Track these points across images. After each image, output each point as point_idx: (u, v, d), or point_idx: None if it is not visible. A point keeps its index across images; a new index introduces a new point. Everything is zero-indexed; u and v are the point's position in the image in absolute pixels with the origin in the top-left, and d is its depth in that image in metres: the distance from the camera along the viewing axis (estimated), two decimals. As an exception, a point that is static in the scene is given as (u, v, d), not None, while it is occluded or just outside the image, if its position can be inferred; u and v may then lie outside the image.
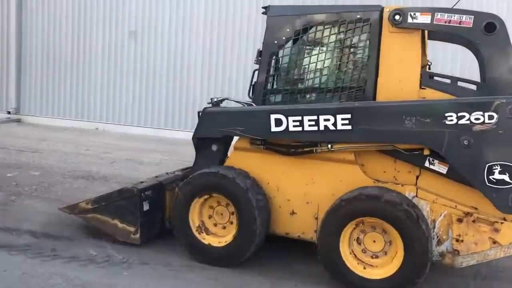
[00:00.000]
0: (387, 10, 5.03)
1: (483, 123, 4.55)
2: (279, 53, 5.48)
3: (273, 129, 5.19)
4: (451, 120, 4.64)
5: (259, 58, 5.49)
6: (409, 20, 4.92)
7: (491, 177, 4.59)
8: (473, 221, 4.79)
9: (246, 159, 5.55)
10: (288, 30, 5.34)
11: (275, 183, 5.45)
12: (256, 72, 5.58)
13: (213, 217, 5.55)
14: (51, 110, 15.80)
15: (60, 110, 15.70)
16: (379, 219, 4.79)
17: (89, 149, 11.83)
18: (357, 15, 5.14)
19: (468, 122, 4.59)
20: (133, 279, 5.07)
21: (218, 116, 5.57)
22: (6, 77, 16.04)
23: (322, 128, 5.03)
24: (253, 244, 5.27)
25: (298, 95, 5.45)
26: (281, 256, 5.75)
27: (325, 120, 5.01)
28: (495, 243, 4.75)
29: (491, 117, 4.53)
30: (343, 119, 4.96)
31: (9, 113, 15.92)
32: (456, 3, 5.38)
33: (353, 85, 5.20)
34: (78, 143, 12.59)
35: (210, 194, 5.42)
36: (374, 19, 5.09)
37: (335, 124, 4.98)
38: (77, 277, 5.01)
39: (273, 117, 5.17)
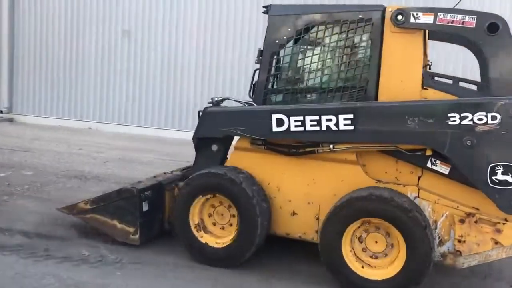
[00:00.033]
0: (389, 10, 5.01)
1: (486, 123, 4.56)
2: (280, 53, 5.45)
3: (275, 129, 5.16)
4: (454, 120, 4.64)
5: (260, 57, 5.45)
6: (412, 20, 4.91)
7: (494, 177, 4.59)
8: (475, 222, 4.78)
9: (246, 159, 5.52)
10: (289, 29, 5.31)
11: (275, 184, 5.43)
12: (256, 71, 5.56)
13: (213, 216, 5.51)
14: (44, 109, 15.71)
15: (52, 109, 15.61)
16: (386, 222, 4.77)
17: (82, 149, 11.76)
18: (359, 15, 5.12)
19: (471, 122, 4.59)
20: (126, 279, 5.03)
21: (218, 116, 5.53)
22: (-2, 76, 15.96)
23: (324, 128, 5.01)
24: (253, 245, 5.24)
25: (299, 95, 5.41)
26: (282, 256, 5.72)
27: (327, 120, 4.99)
28: (497, 243, 4.75)
29: (494, 118, 4.53)
30: (345, 119, 4.94)
31: (1, 112, 15.81)
32: (457, 3, 5.37)
33: (354, 85, 5.18)
34: (70, 142, 12.52)
35: (214, 194, 5.38)
36: (376, 19, 5.07)
37: (337, 124, 4.97)
38: (70, 277, 4.98)
39: (275, 117, 5.15)
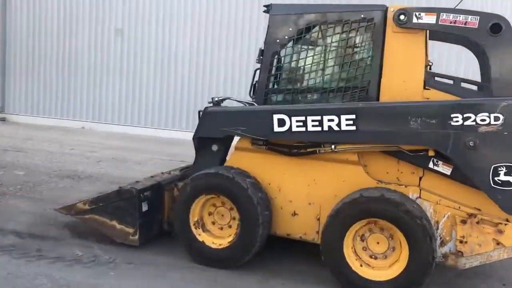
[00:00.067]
0: (391, 10, 5.00)
1: (489, 124, 4.55)
2: (281, 52, 5.42)
3: (276, 129, 5.13)
4: (457, 121, 4.62)
5: (261, 57, 5.43)
6: (414, 20, 4.89)
7: (496, 178, 4.58)
8: (477, 223, 4.78)
9: (247, 160, 5.49)
10: (290, 29, 5.29)
11: (276, 184, 5.40)
12: (257, 71, 5.53)
13: (213, 215, 5.47)
14: (36, 109, 15.62)
15: (45, 109, 15.53)
16: (393, 225, 4.73)
17: (75, 148, 11.72)
18: (361, 15, 5.10)
19: (473, 123, 4.58)
20: (120, 279, 5.00)
21: (219, 115, 5.49)
22: (-10, 76, 15.82)
23: (326, 128, 4.98)
24: (253, 249, 5.23)
25: (300, 95, 5.39)
26: (282, 256, 5.69)
27: (329, 120, 4.97)
28: (498, 244, 4.75)
29: (497, 118, 4.52)
30: (347, 120, 4.92)
31: (-7, 111, 15.71)
32: (458, 3, 5.37)
33: (356, 85, 5.16)
34: (63, 142, 12.47)
35: (218, 195, 5.33)
36: (378, 19, 5.06)
37: (339, 124, 4.94)
38: (62, 277, 4.94)
39: (276, 117, 5.12)
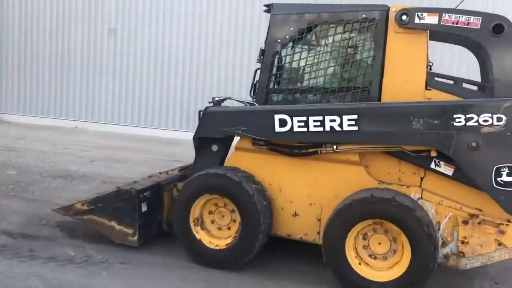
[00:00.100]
0: (393, 10, 4.98)
1: (492, 125, 4.54)
2: (282, 52, 5.39)
3: (277, 129, 5.10)
4: (460, 121, 4.61)
5: (262, 57, 5.40)
6: (416, 20, 4.88)
7: (499, 179, 4.58)
8: (479, 223, 4.78)
9: (247, 160, 5.46)
10: (291, 29, 5.27)
11: (277, 184, 5.38)
12: (258, 71, 5.50)
13: (213, 213, 5.42)
14: (29, 108, 15.52)
15: (38, 108, 15.43)
16: (399, 229, 4.70)
17: (68, 148, 11.66)
18: (363, 15, 5.09)
19: (476, 124, 4.57)
20: (113, 279, 4.97)
21: (220, 116, 5.45)
22: (-18, 75, 15.69)
23: (327, 129, 4.96)
24: (252, 252, 5.20)
25: (301, 95, 5.36)
26: (282, 257, 5.67)
27: (331, 120, 4.95)
28: (500, 245, 4.75)
29: (499, 119, 4.52)
30: (349, 120, 4.90)
31: (-15, 111, 15.58)
32: (459, 3, 5.36)
33: (357, 85, 5.14)
34: (56, 141, 12.40)
35: (222, 196, 5.28)
36: (379, 19, 5.05)
37: (341, 125, 4.92)
38: (54, 277, 4.91)
39: (277, 117, 5.09)
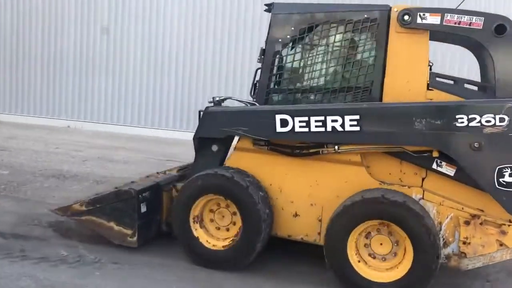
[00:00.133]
0: (395, 10, 4.98)
1: (494, 125, 4.54)
2: (282, 52, 5.36)
3: (279, 129, 5.07)
4: (462, 122, 4.61)
5: (262, 56, 5.37)
6: (418, 20, 4.87)
7: (501, 180, 4.58)
8: (480, 224, 4.78)
9: (247, 160, 5.43)
10: (292, 28, 5.24)
11: (277, 185, 5.35)
12: (258, 71, 5.47)
13: (214, 213, 5.38)
14: (21, 107, 15.42)
15: (30, 107, 15.34)
16: (405, 234, 4.67)
17: (60, 147, 11.58)
18: (364, 15, 5.07)
19: (479, 124, 4.57)
20: (105, 279, 4.94)
21: (220, 116, 5.41)
22: (-27, 74, 15.54)
23: (329, 129, 4.94)
24: (253, 254, 5.17)
25: (301, 95, 5.34)
26: (283, 257, 5.65)
27: (333, 121, 4.93)
28: (502, 245, 4.75)
29: (502, 120, 4.52)
30: (351, 120, 4.88)
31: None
32: (460, 3, 5.36)
33: (359, 85, 5.12)
34: (48, 141, 12.33)
35: (226, 198, 5.23)
36: (381, 19, 5.03)
37: (343, 125, 4.90)
38: (46, 278, 4.87)
39: (279, 117, 5.06)
